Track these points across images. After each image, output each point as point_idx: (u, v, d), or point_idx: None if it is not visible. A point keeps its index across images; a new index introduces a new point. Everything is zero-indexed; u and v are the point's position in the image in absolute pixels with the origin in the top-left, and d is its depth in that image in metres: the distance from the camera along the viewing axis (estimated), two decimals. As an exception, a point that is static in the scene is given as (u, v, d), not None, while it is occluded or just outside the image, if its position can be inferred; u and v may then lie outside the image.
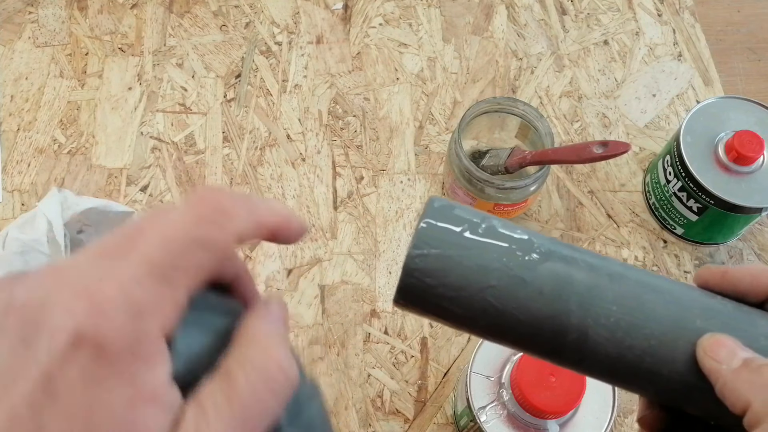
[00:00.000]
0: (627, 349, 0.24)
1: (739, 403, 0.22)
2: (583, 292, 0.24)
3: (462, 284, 0.24)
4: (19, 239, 0.47)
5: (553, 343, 0.25)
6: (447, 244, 0.24)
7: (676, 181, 0.54)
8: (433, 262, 0.24)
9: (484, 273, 0.24)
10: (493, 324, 0.25)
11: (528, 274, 0.24)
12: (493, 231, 0.25)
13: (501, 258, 0.24)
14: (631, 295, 0.25)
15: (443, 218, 0.25)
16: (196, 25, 0.67)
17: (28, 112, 0.62)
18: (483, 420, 0.42)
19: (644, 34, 0.68)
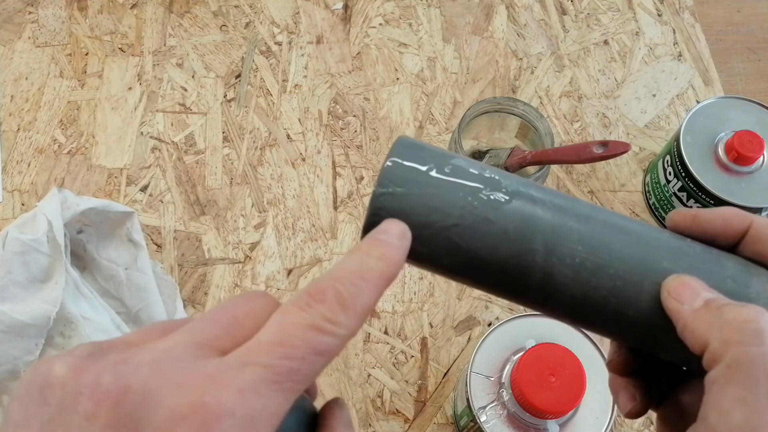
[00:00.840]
0: (592, 289, 0.24)
1: (698, 343, 0.22)
2: (549, 231, 0.24)
3: (426, 222, 0.24)
4: (19, 239, 0.47)
5: (518, 283, 0.25)
6: (412, 183, 0.24)
7: (676, 181, 0.54)
8: (398, 200, 0.24)
9: (448, 211, 0.24)
10: (458, 263, 0.25)
11: (493, 213, 0.24)
12: (460, 170, 0.25)
13: (466, 197, 0.24)
14: (598, 235, 0.25)
15: (410, 157, 0.25)
16: (196, 25, 0.67)
17: (28, 112, 0.62)
18: (483, 420, 0.42)
19: (644, 34, 0.68)
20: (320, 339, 0.19)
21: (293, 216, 0.58)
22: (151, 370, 0.18)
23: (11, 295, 0.46)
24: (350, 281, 0.20)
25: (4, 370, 0.46)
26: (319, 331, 0.19)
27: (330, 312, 0.19)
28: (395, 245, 0.22)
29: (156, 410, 0.17)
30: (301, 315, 0.19)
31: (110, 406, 0.17)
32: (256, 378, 0.18)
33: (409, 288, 0.55)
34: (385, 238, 0.22)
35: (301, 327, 0.19)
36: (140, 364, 0.18)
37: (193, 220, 0.58)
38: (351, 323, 0.20)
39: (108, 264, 0.52)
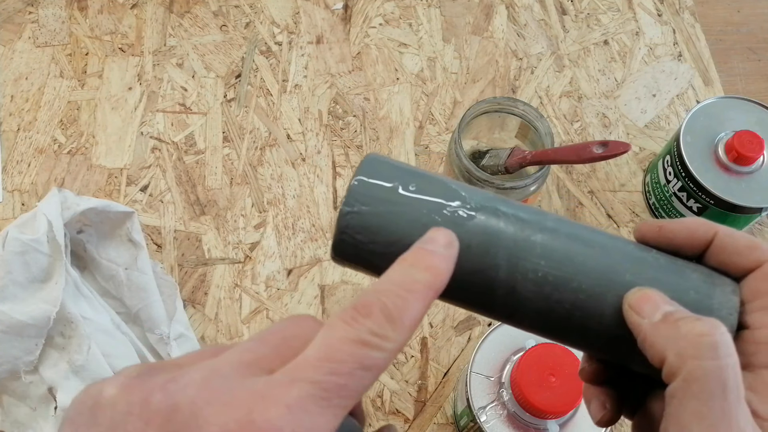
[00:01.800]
0: (555, 303, 0.24)
1: (657, 357, 0.22)
2: (511, 246, 0.24)
3: (391, 240, 0.24)
4: (19, 239, 0.47)
5: (484, 298, 0.25)
6: (377, 201, 0.25)
7: (676, 181, 0.54)
8: (364, 219, 0.25)
9: (412, 229, 0.24)
10: None
11: (456, 228, 0.24)
12: (425, 187, 0.25)
13: (430, 213, 0.25)
14: (561, 248, 0.25)
15: (376, 175, 0.25)
16: (196, 25, 0.67)
17: (28, 112, 0.62)
18: (483, 420, 0.42)
19: (644, 34, 0.68)
20: (367, 353, 0.19)
21: (293, 216, 0.58)
22: (200, 388, 0.18)
23: (11, 295, 0.46)
24: (396, 294, 0.20)
25: (4, 370, 0.46)
26: (366, 346, 0.19)
27: (376, 326, 0.19)
28: (442, 254, 0.22)
29: (204, 427, 0.17)
30: (347, 330, 0.19)
31: (159, 424, 0.17)
32: (304, 394, 0.18)
33: (409, 288, 0.55)
34: (431, 247, 0.22)
35: (347, 342, 0.19)
36: (189, 383, 0.18)
37: (193, 220, 0.58)
38: (398, 337, 0.19)
39: (108, 264, 0.52)
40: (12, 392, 0.47)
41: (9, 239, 0.47)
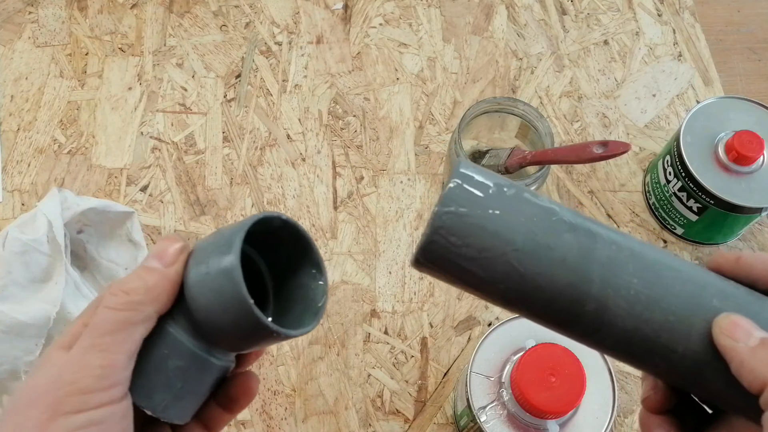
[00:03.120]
0: (644, 322, 0.24)
1: (757, 381, 0.22)
2: (605, 262, 0.24)
3: (486, 245, 0.24)
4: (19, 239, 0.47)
5: (571, 313, 0.25)
6: (475, 205, 0.24)
7: (676, 181, 0.54)
8: (460, 220, 0.24)
9: (509, 236, 0.24)
10: (513, 288, 0.25)
11: (553, 240, 0.24)
12: (520, 197, 0.25)
13: (527, 223, 0.24)
14: (652, 269, 0.25)
15: (471, 181, 0.25)
16: (196, 25, 0.67)
17: (28, 112, 0.62)
18: (483, 420, 0.42)
19: (644, 34, 0.68)
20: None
21: (293, 216, 0.58)
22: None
23: (11, 295, 0.46)
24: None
25: (4, 370, 0.46)
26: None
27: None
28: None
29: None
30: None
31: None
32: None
33: (409, 288, 0.55)
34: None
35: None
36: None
37: (193, 220, 0.58)
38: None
39: (108, 264, 0.52)
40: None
41: (9, 239, 0.47)
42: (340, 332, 0.54)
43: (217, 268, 0.26)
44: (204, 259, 0.27)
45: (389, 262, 0.56)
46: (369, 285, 0.55)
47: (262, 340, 0.27)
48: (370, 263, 0.56)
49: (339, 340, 0.53)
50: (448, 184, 0.25)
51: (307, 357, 0.53)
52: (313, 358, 0.53)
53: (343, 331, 0.54)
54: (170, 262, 0.27)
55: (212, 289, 0.26)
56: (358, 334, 0.54)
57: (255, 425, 0.50)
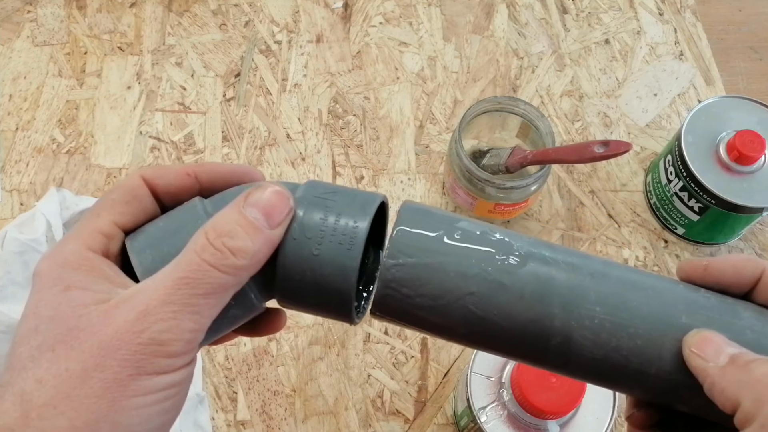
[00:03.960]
0: (612, 350, 0.24)
1: (729, 402, 0.22)
2: (565, 293, 0.24)
3: (440, 293, 0.24)
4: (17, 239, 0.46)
5: (537, 348, 0.24)
6: (423, 252, 0.24)
7: (677, 180, 0.54)
8: (410, 271, 0.24)
9: (462, 280, 0.24)
10: (474, 332, 0.24)
11: (508, 278, 0.24)
12: (470, 235, 0.24)
13: (479, 263, 0.24)
14: (614, 293, 0.24)
15: (417, 224, 0.24)
16: (195, 24, 0.67)
17: (26, 112, 0.62)
18: (483, 420, 0.42)
19: (645, 33, 0.67)
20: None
21: (293, 216, 0.58)
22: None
23: (10, 295, 0.46)
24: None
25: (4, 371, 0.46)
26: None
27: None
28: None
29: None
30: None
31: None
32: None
33: (409, 288, 0.55)
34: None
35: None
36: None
37: (193, 219, 0.58)
38: (140, 172, 0.27)
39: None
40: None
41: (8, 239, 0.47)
42: (340, 332, 0.53)
43: (331, 259, 0.24)
44: (313, 233, 0.24)
45: (389, 262, 0.56)
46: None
47: (331, 317, 0.26)
48: (370, 263, 0.56)
49: (339, 341, 0.53)
50: (394, 231, 0.24)
51: (307, 357, 0.52)
52: (313, 359, 0.52)
53: (343, 331, 0.54)
54: (277, 222, 0.24)
55: (316, 273, 0.24)
56: (358, 334, 0.53)
57: (255, 425, 0.50)
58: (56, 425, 0.21)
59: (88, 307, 0.23)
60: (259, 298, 0.26)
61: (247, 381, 0.52)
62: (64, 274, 0.24)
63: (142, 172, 0.27)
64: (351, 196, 0.26)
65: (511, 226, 0.58)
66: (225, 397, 0.51)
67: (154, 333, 0.22)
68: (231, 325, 0.26)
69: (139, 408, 0.22)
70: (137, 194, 0.26)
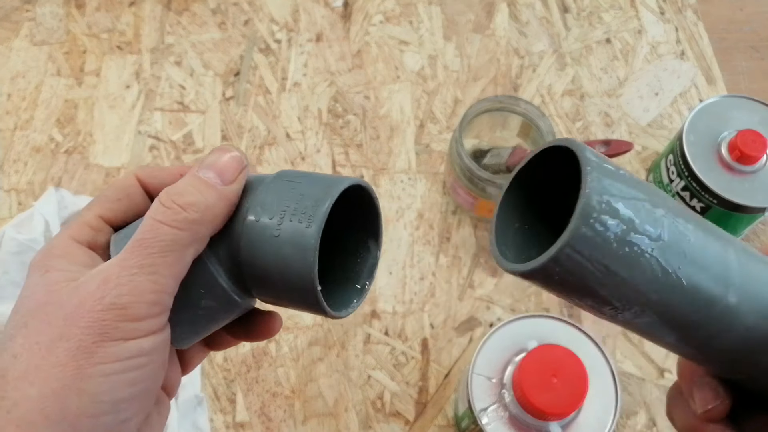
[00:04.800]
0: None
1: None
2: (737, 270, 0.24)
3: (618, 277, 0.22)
4: (15, 239, 0.46)
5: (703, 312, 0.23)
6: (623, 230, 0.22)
7: (678, 180, 0.54)
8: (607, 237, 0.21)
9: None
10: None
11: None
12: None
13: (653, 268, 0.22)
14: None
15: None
16: (194, 22, 0.67)
17: (25, 111, 0.62)
18: (484, 422, 0.42)
19: (647, 33, 0.67)
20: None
21: (293, 215, 0.58)
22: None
23: (9, 295, 0.46)
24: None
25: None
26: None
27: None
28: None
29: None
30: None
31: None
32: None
33: (410, 289, 0.55)
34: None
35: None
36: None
37: (192, 219, 0.57)
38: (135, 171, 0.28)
39: (105, 264, 0.51)
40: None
41: (6, 239, 0.46)
42: (339, 333, 0.53)
43: (290, 238, 0.24)
44: (274, 213, 0.24)
45: (390, 263, 0.56)
46: (369, 285, 0.55)
47: (307, 309, 0.26)
48: (370, 263, 0.56)
49: (339, 342, 0.53)
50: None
51: (307, 358, 0.52)
52: (312, 360, 0.52)
53: (343, 332, 0.53)
54: (230, 179, 0.25)
55: (277, 255, 0.24)
56: (358, 335, 0.53)
57: (254, 427, 0.50)
58: (27, 395, 0.21)
59: (59, 284, 0.23)
60: (234, 290, 0.26)
61: (246, 382, 0.51)
62: (47, 260, 0.25)
63: (136, 172, 0.27)
64: (319, 179, 0.25)
65: (511, 226, 0.58)
66: (224, 399, 0.51)
67: (114, 297, 0.22)
68: (211, 320, 0.26)
69: (106, 375, 0.22)
70: (129, 192, 0.27)
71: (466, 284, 0.55)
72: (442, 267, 0.56)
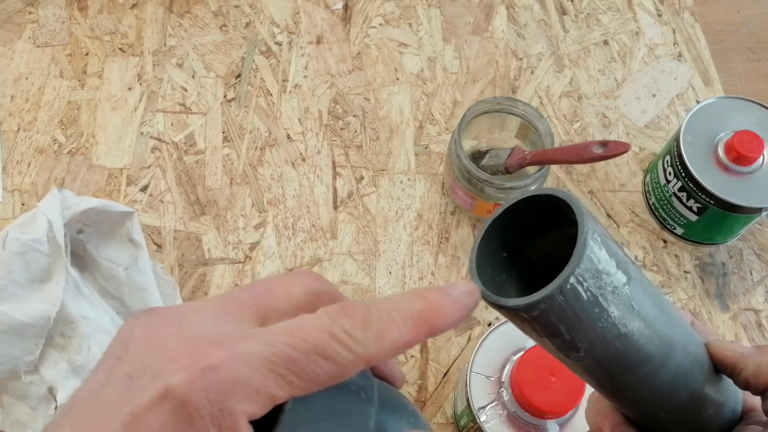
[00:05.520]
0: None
1: (763, 378, 0.25)
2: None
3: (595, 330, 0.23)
4: (19, 239, 0.47)
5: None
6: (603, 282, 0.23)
7: (675, 181, 0.54)
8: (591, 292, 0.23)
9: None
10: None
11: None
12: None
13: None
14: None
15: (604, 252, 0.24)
16: (196, 25, 0.67)
17: (28, 112, 0.62)
18: (483, 420, 0.42)
19: (644, 34, 0.68)
20: (329, 343, 0.19)
21: (293, 216, 0.58)
22: (175, 324, 0.20)
23: (11, 295, 0.46)
24: (386, 310, 0.20)
25: (4, 370, 0.46)
26: (333, 337, 0.19)
27: (350, 325, 0.19)
28: (454, 297, 0.21)
29: (159, 357, 0.19)
30: (323, 319, 0.19)
31: (132, 353, 0.19)
32: (253, 351, 0.18)
33: (409, 288, 0.55)
34: (449, 290, 0.21)
35: (317, 327, 0.19)
36: (170, 318, 0.20)
37: (193, 220, 0.58)
38: (368, 344, 0.19)
39: (108, 264, 0.52)
40: (12, 392, 0.47)
41: (9, 239, 0.47)
42: (340, 332, 0.54)
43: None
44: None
45: (389, 262, 0.56)
46: (369, 285, 0.55)
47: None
48: (370, 263, 0.56)
49: (339, 340, 0.53)
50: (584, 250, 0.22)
51: (307, 357, 0.53)
52: (313, 358, 0.53)
53: (343, 331, 0.54)
54: None
55: None
56: (358, 334, 0.53)
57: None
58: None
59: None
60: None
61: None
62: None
63: (370, 358, 0.20)
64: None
65: (510, 226, 0.58)
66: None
67: None
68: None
69: None
70: (342, 380, 0.20)
71: (465, 284, 0.55)
72: (441, 267, 0.56)
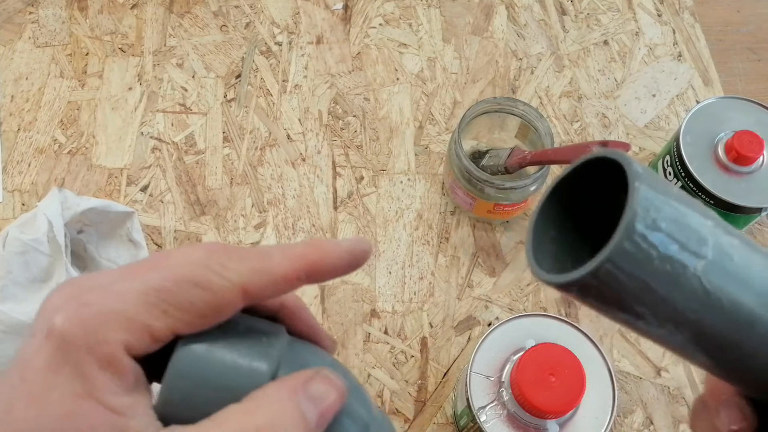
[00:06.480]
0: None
1: None
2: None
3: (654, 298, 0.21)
4: (19, 239, 0.47)
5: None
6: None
7: (675, 181, 0.54)
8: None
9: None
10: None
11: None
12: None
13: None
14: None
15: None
16: (196, 25, 0.67)
17: (28, 112, 0.62)
18: (483, 420, 0.42)
19: (644, 35, 0.68)
20: (203, 272, 0.20)
21: (293, 216, 0.58)
22: (73, 282, 0.21)
23: (11, 295, 0.46)
24: (269, 248, 0.22)
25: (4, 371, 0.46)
26: (206, 267, 0.20)
27: (227, 258, 0.21)
28: (340, 245, 0.23)
29: (48, 307, 0.20)
30: (202, 255, 0.21)
31: (40, 311, 0.20)
32: (128, 286, 0.20)
33: (409, 288, 0.55)
34: (339, 240, 0.23)
35: (194, 263, 0.20)
36: (73, 281, 0.21)
37: (194, 220, 0.58)
38: (244, 271, 0.21)
39: (108, 264, 0.52)
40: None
41: (9, 239, 0.47)
42: (340, 332, 0.54)
43: None
44: None
45: (389, 262, 0.56)
46: (369, 285, 0.55)
47: None
48: (370, 263, 0.56)
49: (339, 340, 0.53)
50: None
51: (307, 357, 0.53)
52: (313, 358, 0.53)
53: (343, 331, 0.54)
54: (322, 425, 0.21)
55: None
56: (358, 334, 0.54)
57: (255, 425, 0.50)
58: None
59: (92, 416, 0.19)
60: None
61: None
62: (82, 363, 0.20)
63: (245, 284, 0.21)
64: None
65: (510, 226, 0.58)
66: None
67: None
68: None
69: None
70: (223, 312, 0.21)
71: (465, 284, 0.56)
72: (441, 267, 0.56)
